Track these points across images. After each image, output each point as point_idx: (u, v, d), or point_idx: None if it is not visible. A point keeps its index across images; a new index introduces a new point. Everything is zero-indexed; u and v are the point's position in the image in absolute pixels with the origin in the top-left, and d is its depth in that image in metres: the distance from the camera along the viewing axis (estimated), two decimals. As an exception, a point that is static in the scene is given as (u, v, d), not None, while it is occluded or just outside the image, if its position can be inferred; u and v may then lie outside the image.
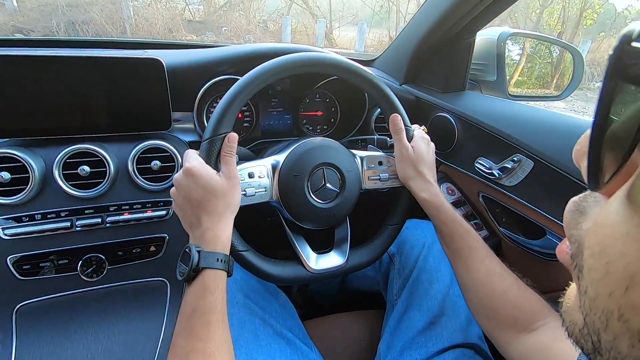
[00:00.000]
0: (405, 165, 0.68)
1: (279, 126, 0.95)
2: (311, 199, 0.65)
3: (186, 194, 0.53)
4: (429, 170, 0.68)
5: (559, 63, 1.47)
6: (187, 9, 9.66)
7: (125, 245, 0.72)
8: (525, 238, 0.79)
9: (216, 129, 0.58)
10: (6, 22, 7.35)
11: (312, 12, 10.31)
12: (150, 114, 0.75)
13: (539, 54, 1.43)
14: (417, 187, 0.67)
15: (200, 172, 0.52)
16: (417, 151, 0.67)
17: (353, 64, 0.66)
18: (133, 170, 0.72)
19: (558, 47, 1.33)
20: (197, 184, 0.52)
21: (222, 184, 0.53)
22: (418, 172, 0.67)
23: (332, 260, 0.69)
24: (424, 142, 0.69)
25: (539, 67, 1.45)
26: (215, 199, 0.52)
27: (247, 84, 0.60)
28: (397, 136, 0.69)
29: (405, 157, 0.67)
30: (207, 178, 0.52)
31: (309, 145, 0.66)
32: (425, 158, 0.68)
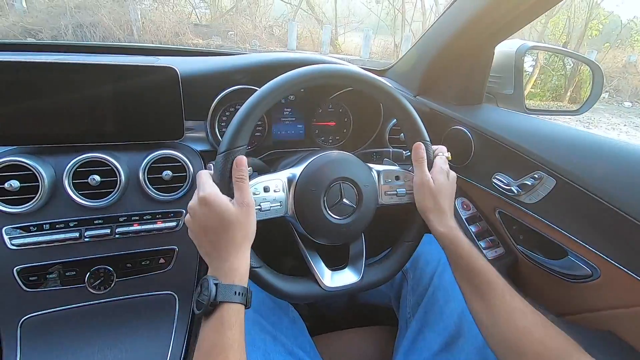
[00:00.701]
0: (424, 196, 0.65)
1: (291, 136, 0.94)
2: (327, 214, 0.63)
3: (202, 224, 0.51)
4: (448, 202, 0.65)
5: (573, 75, 1.46)
6: (194, 12, 9.74)
7: (134, 257, 0.70)
8: (544, 257, 0.77)
9: (232, 142, 0.57)
10: (15, 22, 7.43)
11: (318, 18, 10.37)
12: (163, 122, 0.73)
13: (552, 65, 1.42)
14: (434, 219, 0.64)
15: (215, 202, 0.50)
16: (437, 183, 0.64)
17: (374, 78, 0.64)
18: (144, 180, 0.70)
19: (572, 59, 1.31)
20: (213, 213, 0.50)
21: (238, 213, 0.51)
22: (436, 204, 0.64)
23: (347, 277, 0.67)
24: (445, 174, 0.66)
25: (553, 79, 1.43)
26: (232, 229, 0.51)
27: (265, 96, 0.58)
28: (419, 165, 0.66)
29: (424, 187, 0.65)
30: (222, 208, 0.50)
31: (326, 159, 0.65)
32: (444, 191, 0.64)
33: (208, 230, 0.51)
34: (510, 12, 0.73)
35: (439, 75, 0.95)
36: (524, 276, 0.84)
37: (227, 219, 0.50)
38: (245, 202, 0.53)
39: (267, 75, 0.64)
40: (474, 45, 0.84)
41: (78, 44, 1.00)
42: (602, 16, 11.44)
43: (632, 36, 11.67)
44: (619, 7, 15.96)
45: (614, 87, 9.07)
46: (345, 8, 11.31)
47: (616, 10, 13.50)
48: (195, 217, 0.52)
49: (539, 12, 0.74)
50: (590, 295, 0.69)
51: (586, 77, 1.04)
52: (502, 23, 0.75)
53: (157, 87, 0.70)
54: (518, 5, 0.71)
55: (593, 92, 0.96)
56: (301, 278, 0.64)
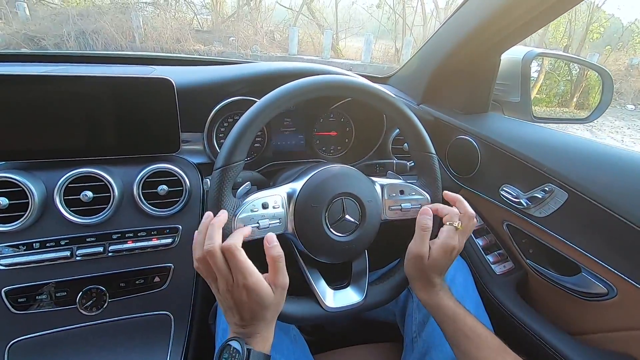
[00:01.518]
0: (414, 267, 0.61)
1: (291, 146, 0.91)
2: (329, 231, 0.60)
3: (237, 301, 0.49)
4: (438, 276, 0.60)
5: (579, 81, 1.43)
6: (196, 19, 9.79)
7: (127, 276, 0.67)
8: (556, 273, 0.74)
9: (229, 157, 0.54)
10: (18, 30, 7.47)
11: (319, 23, 10.40)
12: (159, 135, 0.71)
13: (557, 71, 1.39)
14: (416, 286, 0.62)
15: (259, 291, 0.48)
16: (433, 259, 0.58)
17: (376, 87, 0.62)
18: (138, 195, 0.68)
19: (578, 65, 1.28)
20: (252, 298, 0.48)
21: (276, 297, 0.51)
22: (425, 278, 0.60)
23: (350, 297, 0.64)
24: (448, 252, 0.59)
25: (558, 84, 1.40)
26: (267, 311, 0.50)
27: (263, 109, 0.56)
28: (421, 234, 0.59)
29: (417, 259, 0.59)
30: (263, 295, 0.49)
31: (327, 174, 0.62)
32: (440, 268, 0.60)
33: (243, 308, 0.49)
34: (518, 20, 0.70)
35: (444, 83, 0.93)
36: (534, 292, 0.80)
37: (266, 304, 0.49)
38: (282, 285, 0.51)
39: (266, 86, 0.61)
40: (480, 53, 0.82)
41: (73, 53, 0.99)
42: (603, 19, 11.42)
43: (633, 39, 11.64)
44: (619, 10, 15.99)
45: (617, 90, 9.02)
46: (346, 13, 11.34)
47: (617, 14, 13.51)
48: (229, 292, 0.49)
49: (546, 20, 0.72)
50: (606, 314, 0.66)
51: (594, 83, 1.02)
52: (509, 31, 0.73)
53: (153, 99, 0.68)
54: (526, 13, 0.69)
55: (603, 99, 0.93)
56: (301, 298, 0.62)
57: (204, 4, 10.03)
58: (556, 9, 0.67)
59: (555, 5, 0.66)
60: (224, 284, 0.48)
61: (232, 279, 0.48)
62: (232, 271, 0.48)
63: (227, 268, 0.48)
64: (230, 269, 0.48)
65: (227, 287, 0.48)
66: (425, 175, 0.68)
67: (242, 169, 0.56)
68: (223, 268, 0.48)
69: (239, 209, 0.55)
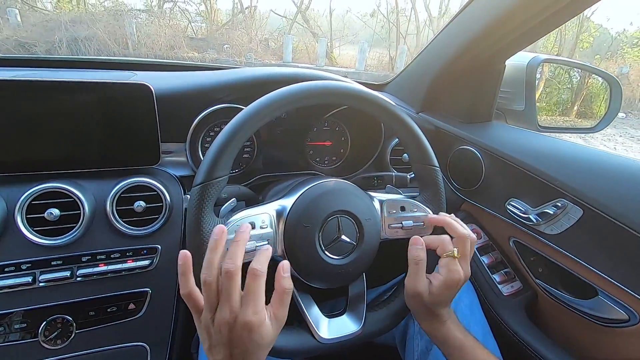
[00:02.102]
0: (415, 303, 0.55)
1: (282, 157, 0.85)
2: (323, 253, 0.54)
3: (235, 337, 0.42)
4: (443, 308, 0.55)
5: (580, 89, 1.39)
6: (190, 26, 9.76)
7: (98, 304, 0.60)
8: (569, 295, 0.68)
9: (211, 172, 0.48)
10: (9, 36, 7.37)
11: (313, 31, 10.44)
12: (136, 146, 0.64)
13: (558, 78, 1.35)
14: (419, 317, 0.57)
15: (260, 330, 0.42)
16: (435, 295, 0.53)
17: (373, 94, 0.56)
18: (112, 213, 0.61)
19: (585, 71, 1.25)
20: (253, 336, 0.41)
21: (273, 335, 0.44)
22: (427, 310, 0.55)
23: (346, 326, 0.58)
24: (450, 288, 0.53)
25: (559, 92, 1.37)
26: (262, 351, 0.44)
27: (251, 117, 0.50)
28: (414, 268, 0.53)
29: (416, 298, 0.54)
30: (264, 333, 0.42)
31: (321, 189, 0.56)
32: (444, 302, 0.54)
33: (236, 346, 0.42)
34: (525, 24, 0.65)
35: (445, 90, 0.88)
36: (545, 315, 0.75)
37: (264, 343, 0.43)
38: (282, 319, 0.45)
39: (254, 93, 0.56)
40: (484, 59, 0.77)
41: (52, 58, 0.92)
42: (592, 29, 11.63)
43: (622, 48, 11.85)
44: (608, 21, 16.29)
45: (608, 98, 9.12)
46: (340, 22, 11.43)
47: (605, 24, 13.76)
48: (227, 325, 0.41)
49: (555, 24, 0.67)
50: (626, 342, 0.60)
51: (596, 91, 0.97)
52: (515, 35, 0.68)
53: (129, 106, 0.62)
54: (533, 17, 0.64)
55: (611, 107, 0.89)
56: (292, 327, 0.55)
57: (199, 12, 10.03)
58: (566, 12, 0.63)
59: (565, 8, 0.61)
60: (227, 314, 0.41)
61: (238, 310, 0.41)
62: (243, 301, 0.41)
63: (239, 296, 0.41)
64: (241, 298, 0.41)
65: (229, 319, 0.41)
66: (427, 190, 0.63)
67: (225, 184, 0.50)
68: (236, 295, 0.41)
69: None
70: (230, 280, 0.41)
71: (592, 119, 0.94)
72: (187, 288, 0.42)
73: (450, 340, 0.54)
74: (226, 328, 0.41)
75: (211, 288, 0.41)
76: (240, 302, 0.41)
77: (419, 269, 0.54)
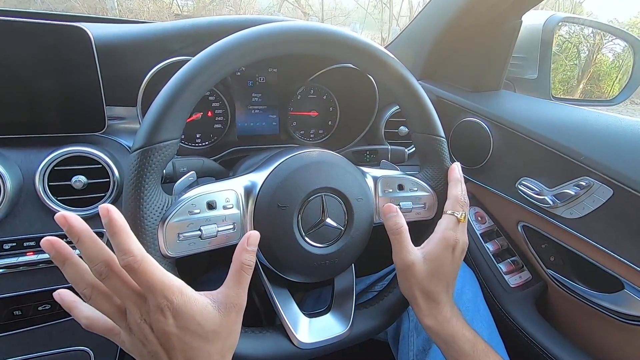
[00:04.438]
0: (407, 282, 0.46)
1: (261, 129, 0.73)
2: (302, 240, 0.44)
3: (161, 335, 0.31)
4: (444, 287, 0.46)
5: (588, 66, 1.30)
6: (176, 3, 9.32)
7: (26, 301, 0.49)
8: (586, 288, 0.59)
9: (153, 133, 0.37)
10: (-21, 8, 6.92)
11: (304, 10, 10.09)
12: (75, 108, 0.52)
13: (565, 52, 1.25)
14: (419, 309, 0.46)
15: (190, 311, 0.32)
16: (430, 263, 0.45)
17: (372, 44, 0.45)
18: (43, 190, 0.49)
19: (587, 46, 1.15)
20: (183, 328, 0.31)
21: (224, 321, 0.34)
22: (425, 292, 0.45)
23: (330, 327, 0.48)
24: (449, 248, 0.45)
25: (564, 69, 1.27)
26: (209, 344, 0.33)
27: (204, 66, 0.38)
28: (396, 239, 0.45)
29: (407, 272, 0.45)
30: (200, 318, 0.32)
31: (301, 161, 0.45)
32: (442, 274, 0.45)
33: (171, 346, 0.32)
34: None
35: (448, 55, 0.76)
36: (557, 309, 0.66)
37: (204, 332, 0.32)
38: (238, 304, 0.35)
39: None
40: (496, 14, 0.65)
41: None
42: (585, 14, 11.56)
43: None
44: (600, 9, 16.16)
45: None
46: (332, 1, 11.07)
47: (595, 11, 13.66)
48: (144, 334, 0.31)
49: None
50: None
51: (606, 69, 0.87)
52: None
53: (62, 56, 0.49)
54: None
55: (634, 76, 0.78)
56: (264, 331, 0.45)
57: (184, -13, 9.58)
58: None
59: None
60: (134, 312, 0.31)
61: (137, 297, 0.31)
62: (144, 291, 0.31)
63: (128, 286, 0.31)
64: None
65: (141, 314, 0.31)
66: (430, 165, 0.52)
67: (174, 151, 0.39)
68: (126, 287, 0.31)
69: (171, 209, 0.38)
70: (111, 280, 0.30)
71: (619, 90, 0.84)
72: (85, 315, 0.34)
73: (459, 342, 0.44)
74: (147, 327, 0.31)
75: (98, 300, 0.32)
76: (139, 295, 0.31)
77: (401, 238, 0.45)
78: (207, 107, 0.68)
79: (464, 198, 0.48)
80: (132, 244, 0.30)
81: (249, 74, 0.70)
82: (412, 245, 0.45)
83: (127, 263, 0.29)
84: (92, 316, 0.34)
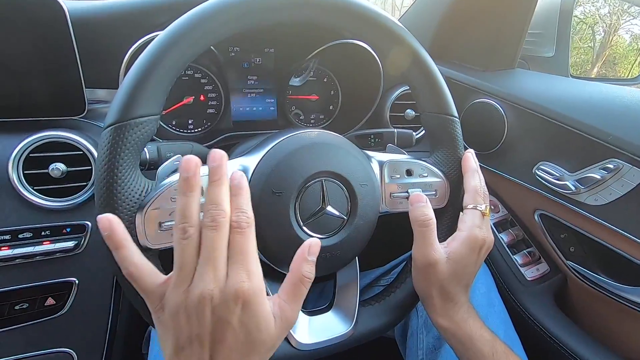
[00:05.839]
0: (426, 280, 0.41)
1: (257, 114, 0.69)
2: (300, 231, 0.39)
3: (215, 328, 0.27)
4: (463, 291, 0.42)
5: (603, 48, 1.23)
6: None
7: (1, 300, 0.45)
8: (612, 280, 0.55)
9: (127, 107, 0.32)
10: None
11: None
12: (53, 90, 0.48)
13: (579, 34, 1.18)
14: (432, 308, 0.42)
15: (258, 311, 0.29)
16: (455, 263, 0.40)
17: (380, 13, 0.40)
18: (18, 178, 0.45)
19: (603, 27, 1.08)
20: (244, 324, 0.28)
21: (273, 335, 0.30)
22: (443, 293, 0.41)
23: (332, 326, 0.44)
24: (473, 250, 0.40)
25: (578, 52, 1.20)
26: (250, 354, 0.29)
27: (186, 30, 0.33)
28: (421, 232, 0.40)
29: (427, 269, 0.40)
30: (262, 322, 0.29)
31: (298, 143, 0.40)
32: (465, 276, 0.41)
33: (218, 343, 0.28)
34: None
35: (458, 30, 0.70)
36: (577, 303, 0.62)
37: (259, 340, 0.29)
38: (291, 321, 0.31)
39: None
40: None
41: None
42: None
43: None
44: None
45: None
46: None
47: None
48: (204, 310, 0.27)
49: None
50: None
51: (623, 51, 0.82)
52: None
53: (36, 33, 0.45)
54: None
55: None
56: None
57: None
58: None
59: None
60: (211, 282, 0.27)
61: (224, 276, 0.28)
62: (229, 263, 0.28)
63: (226, 257, 0.28)
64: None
65: (214, 289, 0.27)
66: (441, 148, 0.47)
67: (153, 130, 0.34)
68: (223, 255, 0.28)
69: (151, 194, 0.34)
70: (219, 232, 0.28)
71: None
72: (133, 262, 0.29)
73: (477, 343, 0.40)
74: (209, 305, 0.27)
75: (191, 245, 0.28)
76: (226, 266, 0.28)
77: (428, 232, 0.40)
78: (200, 91, 0.64)
79: (484, 189, 0.43)
80: (250, 208, 0.30)
81: (244, 55, 0.65)
82: (438, 241, 0.40)
83: (240, 220, 0.28)
84: (142, 265, 0.29)
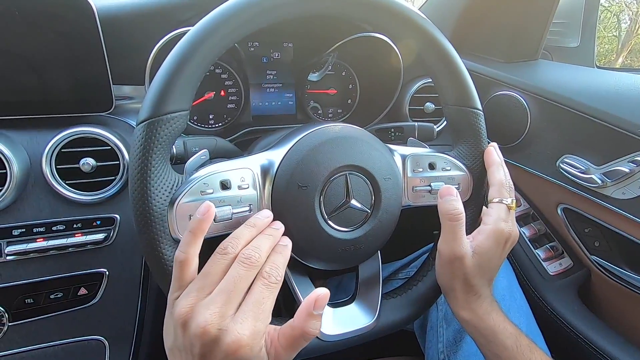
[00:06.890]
0: (452, 273, 0.41)
1: (276, 108, 0.69)
2: (325, 224, 0.40)
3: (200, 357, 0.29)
4: (487, 284, 0.42)
5: (628, 37, 1.19)
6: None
7: (37, 289, 0.47)
8: (637, 275, 0.54)
9: (159, 104, 0.33)
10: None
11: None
12: (81, 86, 0.49)
13: (604, 23, 1.14)
14: (456, 302, 0.42)
15: (249, 356, 0.29)
16: (480, 257, 0.40)
17: (405, 5, 0.40)
18: (51, 173, 0.47)
19: (630, 16, 1.04)
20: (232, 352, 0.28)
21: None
22: (466, 285, 0.41)
23: (355, 318, 0.44)
24: (499, 244, 0.41)
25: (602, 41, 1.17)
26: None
27: (213, 28, 0.34)
28: (450, 226, 0.40)
29: (454, 262, 0.40)
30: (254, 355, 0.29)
31: (323, 137, 0.41)
32: (489, 270, 0.41)
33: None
34: None
35: (477, 22, 0.69)
36: (601, 298, 0.61)
37: None
38: (311, 334, 0.31)
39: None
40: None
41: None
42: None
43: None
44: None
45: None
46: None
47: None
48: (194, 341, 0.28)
49: None
50: None
51: None
52: None
53: (64, 30, 0.46)
54: None
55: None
56: (285, 321, 0.42)
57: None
58: None
59: None
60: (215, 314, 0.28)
61: (230, 316, 0.29)
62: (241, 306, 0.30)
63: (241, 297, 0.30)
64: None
65: (215, 322, 0.28)
66: (464, 141, 0.47)
67: (183, 125, 0.35)
68: (241, 293, 0.30)
69: (182, 188, 0.35)
70: (247, 272, 0.30)
71: None
72: (191, 251, 0.31)
73: (500, 336, 0.40)
74: (202, 339, 0.28)
75: (225, 264, 0.31)
76: (236, 308, 0.29)
77: (457, 226, 0.40)
78: (220, 86, 0.65)
79: (509, 182, 0.43)
80: (284, 272, 0.32)
81: (263, 49, 0.65)
82: (465, 235, 0.41)
83: (272, 274, 0.31)
84: (194, 257, 0.31)
